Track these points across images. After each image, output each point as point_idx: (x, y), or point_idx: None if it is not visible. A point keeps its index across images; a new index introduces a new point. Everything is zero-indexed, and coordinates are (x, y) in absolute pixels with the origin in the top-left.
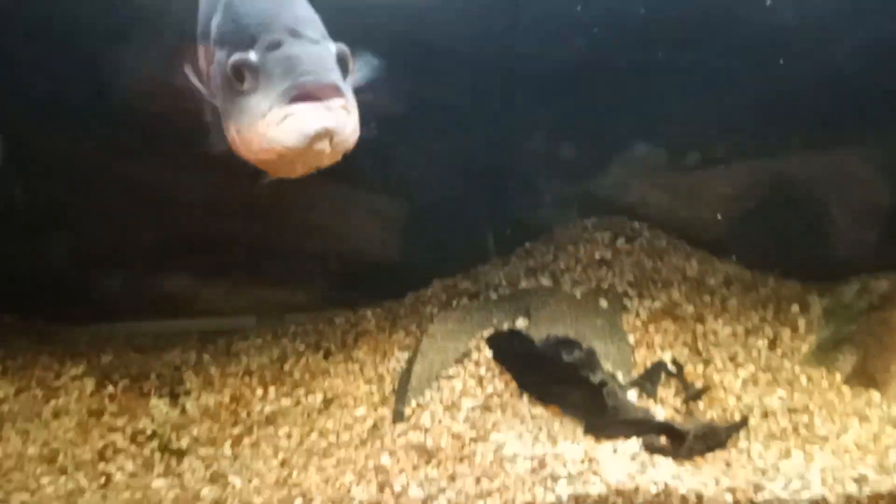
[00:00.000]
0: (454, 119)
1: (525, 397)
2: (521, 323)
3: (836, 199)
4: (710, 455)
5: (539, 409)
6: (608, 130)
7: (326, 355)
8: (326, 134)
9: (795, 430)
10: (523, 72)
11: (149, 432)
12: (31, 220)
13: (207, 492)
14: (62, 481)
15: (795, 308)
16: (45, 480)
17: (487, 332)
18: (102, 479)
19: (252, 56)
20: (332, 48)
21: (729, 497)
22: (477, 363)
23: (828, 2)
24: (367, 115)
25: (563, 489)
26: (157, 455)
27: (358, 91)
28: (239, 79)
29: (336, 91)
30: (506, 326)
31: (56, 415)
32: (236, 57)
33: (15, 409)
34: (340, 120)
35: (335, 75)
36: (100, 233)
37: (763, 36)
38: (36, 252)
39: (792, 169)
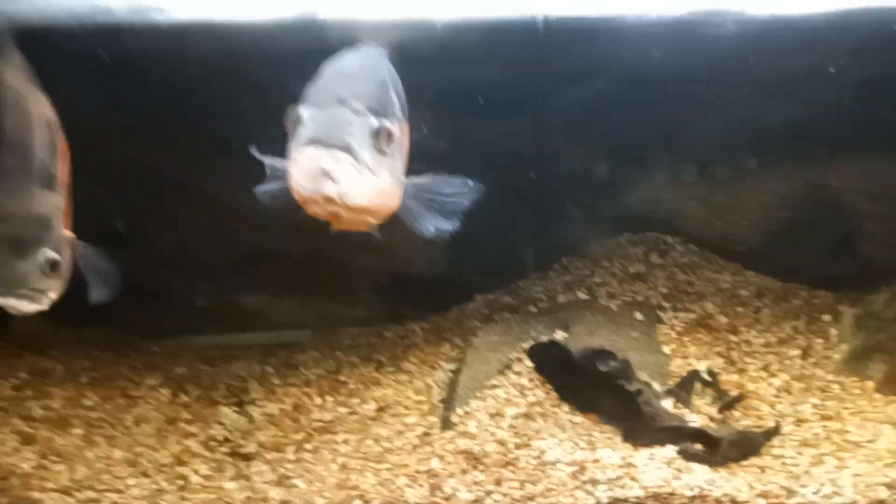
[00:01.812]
0: (495, 144)
1: (565, 406)
2: (559, 335)
3: (866, 209)
4: (744, 462)
5: (579, 418)
6: (641, 149)
7: (378, 367)
8: (325, 174)
9: (828, 437)
10: (558, 96)
11: (220, 438)
12: (112, 238)
13: (275, 494)
14: (146, 483)
15: (827, 317)
16: (130, 482)
17: (528, 344)
18: (181, 482)
19: (301, 111)
20: (371, 121)
21: (762, 501)
22: (519, 374)
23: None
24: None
25: (603, 493)
26: (228, 459)
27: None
28: (291, 129)
29: (342, 147)
30: (545, 339)
31: (137, 422)
32: (291, 108)
33: (102, 417)
34: (344, 172)
35: (353, 140)
36: (175, 251)
37: (794, 46)
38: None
39: (822, 180)
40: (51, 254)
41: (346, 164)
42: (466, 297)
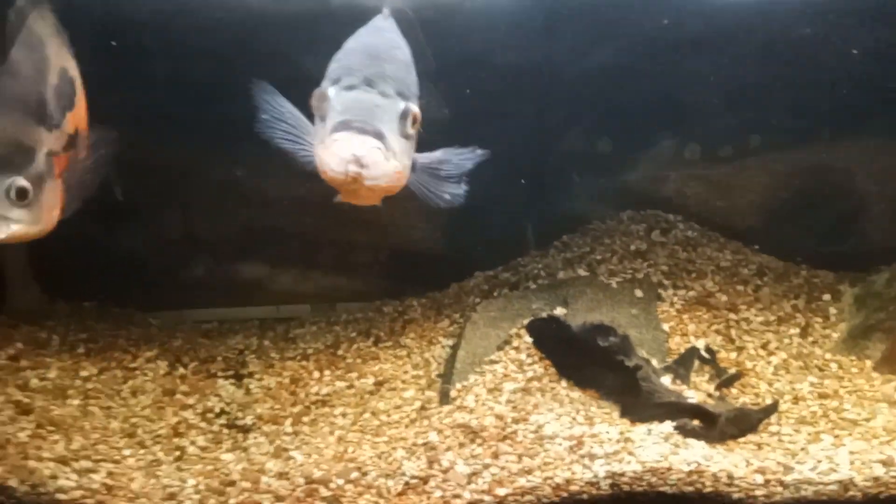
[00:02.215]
0: (496, 121)
1: (563, 381)
2: (559, 311)
3: (868, 190)
4: (741, 439)
5: (577, 393)
6: (643, 126)
7: (376, 342)
8: (355, 161)
9: (825, 414)
10: (561, 72)
11: (217, 410)
12: (112, 213)
13: (272, 465)
14: (142, 454)
15: (827, 297)
16: (126, 452)
17: (527, 320)
18: (177, 453)
19: (330, 91)
20: (399, 105)
21: (759, 477)
22: (518, 349)
23: None
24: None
25: (600, 467)
26: (225, 431)
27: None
28: (317, 108)
29: (374, 134)
30: (545, 314)
31: (134, 393)
32: (319, 89)
33: (98, 388)
34: (372, 157)
35: (382, 125)
36: (173, 227)
37: (795, 29)
38: (115, 243)
39: (824, 160)
40: (21, 181)
41: (376, 150)
42: (466, 274)
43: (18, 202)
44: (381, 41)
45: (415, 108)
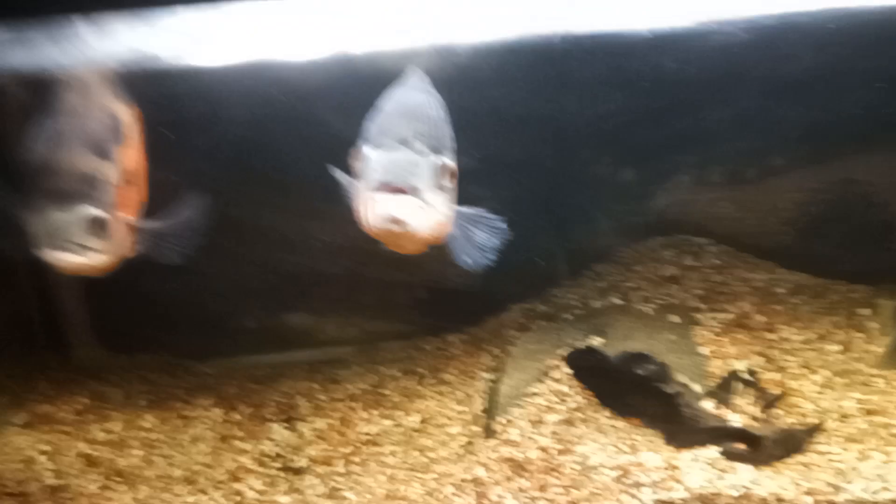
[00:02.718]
0: (522, 158)
1: (606, 411)
2: (596, 341)
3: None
4: (788, 460)
5: (620, 422)
6: (669, 154)
7: (419, 379)
8: (395, 220)
9: (874, 431)
10: (582, 108)
11: (272, 454)
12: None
13: None
14: (204, 500)
15: (866, 311)
16: (189, 499)
17: (565, 351)
18: (237, 497)
19: (367, 152)
20: (433, 160)
21: (809, 499)
22: (558, 380)
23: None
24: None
25: (648, 496)
26: (281, 474)
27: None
28: (358, 167)
29: (413, 191)
30: (582, 345)
31: (193, 441)
32: (357, 148)
33: (160, 438)
34: (412, 213)
35: (419, 182)
36: (223, 278)
37: (819, 40)
38: (168, 295)
39: (855, 172)
40: (94, 210)
41: (413, 206)
42: (502, 308)
43: (96, 231)
44: (413, 100)
45: (449, 162)
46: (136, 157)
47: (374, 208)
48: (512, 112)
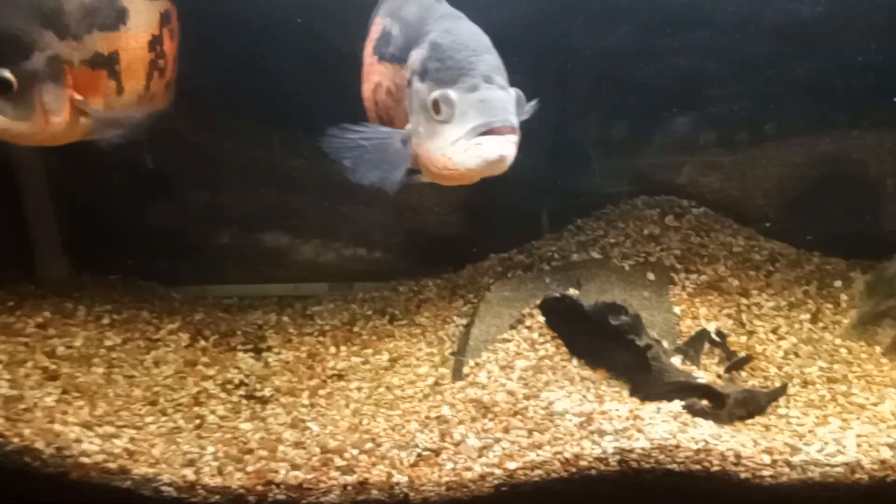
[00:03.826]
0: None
1: (574, 361)
2: (571, 292)
3: (881, 177)
4: (749, 420)
5: (587, 372)
6: (658, 112)
7: (391, 320)
8: (501, 161)
9: (834, 398)
10: (576, 57)
11: (236, 382)
12: (139, 188)
13: (289, 435)
14: (163, 421)
15: (838, 283)
16: (148, 420)
17: (540, 301)
18: (197, 421)
19: (452, 94)
20: (512, 93)
21: (766, 457)
22: (530, 328)
23: None
24: None
25: (609, 443)
26: (244, 402)
27: None
28: (436, 110)
29: (514, 130)
30: (558, 294)
31: (156, 363)
32: (439, 93)
33: (122, 357)
34: (512, 151)
35: (514, 117)
36: (198, 205)
37: (811, 14)
38: (140, 219)
39: (837, 147)
40: (5, 72)
41: (511, 144)
42: (480, 255)
43: (1, 94)
44: (470, 31)
45: (520, 93)
46: (138, 47)
47: (478, 151)
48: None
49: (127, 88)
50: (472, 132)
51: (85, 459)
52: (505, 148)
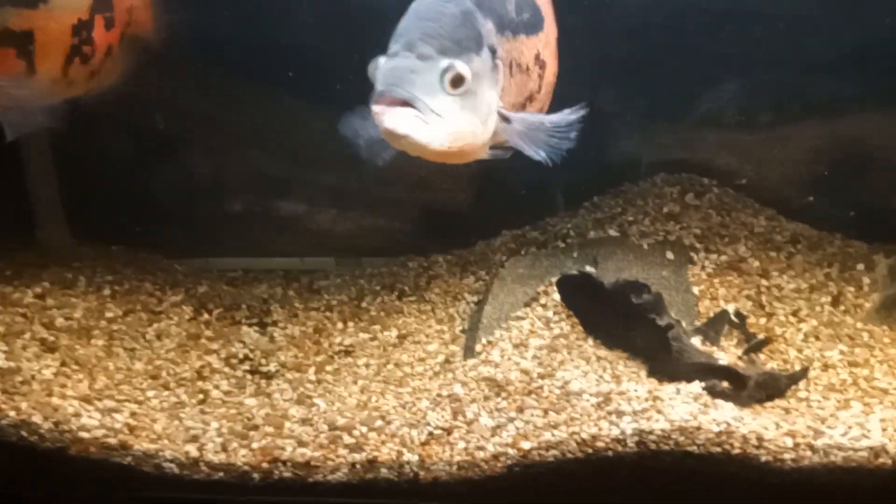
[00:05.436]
0: None
1: (591, 340)
2: (588, 270)
3: None
4: (768, 403)
5: (604, 351)
6: (679, 91)
7: (400, 296)
8: (393, 134)
9: (855, 382)
10: (593, 35)
11: (241, 356)
12: (143, 159)
13: (295, 411)
14: (165, 395)
15: (860, 266)
16: (150, 394)
17: (555, 278)
18: (200, 396)
19: (380, 61)
20: (439, 64)
21: (789, 441)
22: (545, 306)
23: None
24: None
25: (628, 424)
26: (249, 377)
27: None
28: (372, 78)
29: (408, 101)
30: (576, 271)
31: (159, 336)
32: (372, 59)
33: (123, 329)
34: (409, 125)
35: (416, 90)
36: (203, 176)
37: None
38: (145, 189)
39: (861, 129)
40: None
41: (410, 118)
42: (493, 232)
43: None
44: (433, 1)
45: (458, 65)
46: (58, 29)
47: (379, 121)
48: None
49: (40, 70)
50: (372, 101)
51: (84, 434)
52: (397, 122)
